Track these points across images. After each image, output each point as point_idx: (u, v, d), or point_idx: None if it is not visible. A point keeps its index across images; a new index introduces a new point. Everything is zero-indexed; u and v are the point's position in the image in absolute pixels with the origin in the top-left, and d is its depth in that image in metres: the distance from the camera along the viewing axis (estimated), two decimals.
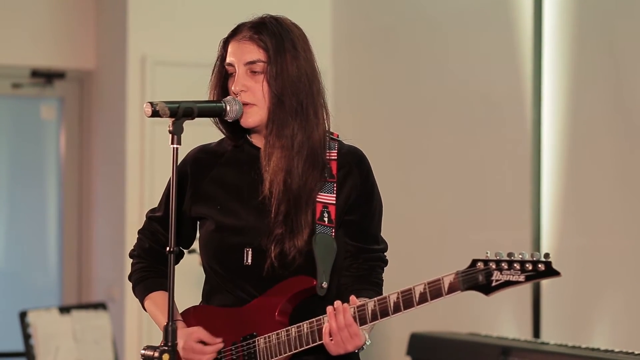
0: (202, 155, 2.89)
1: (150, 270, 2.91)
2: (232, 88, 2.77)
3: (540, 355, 3.95)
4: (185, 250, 2.96)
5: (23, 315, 5.28)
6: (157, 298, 2.87)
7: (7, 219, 6.69)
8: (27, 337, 5.26)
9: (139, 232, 2.97)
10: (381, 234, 2.89)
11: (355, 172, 2.82)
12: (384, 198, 2.88)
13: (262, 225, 2.77)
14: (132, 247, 2.97)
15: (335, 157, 2.82)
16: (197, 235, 2.94)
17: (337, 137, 2.87)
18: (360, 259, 2.83)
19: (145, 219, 2.97)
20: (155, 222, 2.93)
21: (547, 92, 4.78)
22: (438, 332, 4.78)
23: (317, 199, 2.77)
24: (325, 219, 2.78)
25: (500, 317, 4.96)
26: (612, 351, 3.85)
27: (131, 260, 2.97)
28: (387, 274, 2.89)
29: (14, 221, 6.71)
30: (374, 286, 2.82)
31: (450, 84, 5.41)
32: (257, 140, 2.84)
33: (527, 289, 4.79)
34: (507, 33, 5.02)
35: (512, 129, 4.98)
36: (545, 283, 4.74)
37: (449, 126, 5.38)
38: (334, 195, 2.79)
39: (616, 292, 4.44)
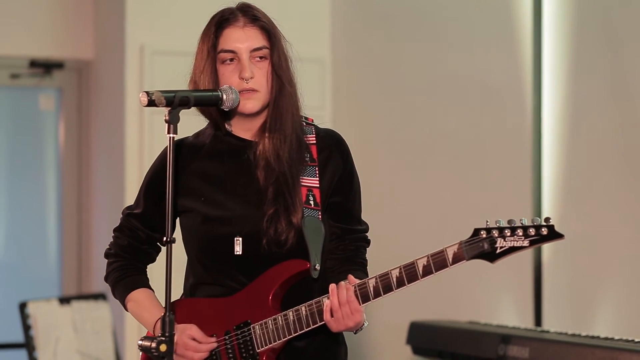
0: (181, 150, 2.85)
1: (129, 269, 2.88)
2: (243, 75, 2.74)
3: (540, 343, 3.94)
4: (162, 246, 2.91)
5: (23, 306, 5.27)
6: (140, 296, 2.84)
7: (7, 210, 6.68)
8: (27, 328, 5.25)
9: (115, 230, 2.93)
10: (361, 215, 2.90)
11: (336, 154, 2.83)
12: (382, 185, 2.88)
13: (249, 213, 2.76)
14: (108, 246, 2.93)
15: (314, 141, 2.82)
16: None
17: (312, 121, 2.87)
18: (347, 240, 2.85)
19: (121, 217, 2.93)
20: (133, 219, 2.89)
21: (547, 78, 4.77)
22: (438, 321, 4.77)
23: (302, 183, 2.78)
24: (312, 202, 2.78)
25: (501, 305, 4.95)
26: (612, 339, 3.84)
27: (106, 260, 2.92)
28: (385, 259, 2.89)
29: (14, 212, 6.69)
30: (360, 267, 2.83)
31: (450, 71, 5.39)
32: (236, 129, 2.82)
33: (527, 276, 4.78)
34: (507, 19, 5.00)
35: (513, 115, 4.97)
36: (546, 270, 4.73)
37: (449, 114, 5.37)
38: (317, 178, 2.80)
39: (618, 279, 4.43)
